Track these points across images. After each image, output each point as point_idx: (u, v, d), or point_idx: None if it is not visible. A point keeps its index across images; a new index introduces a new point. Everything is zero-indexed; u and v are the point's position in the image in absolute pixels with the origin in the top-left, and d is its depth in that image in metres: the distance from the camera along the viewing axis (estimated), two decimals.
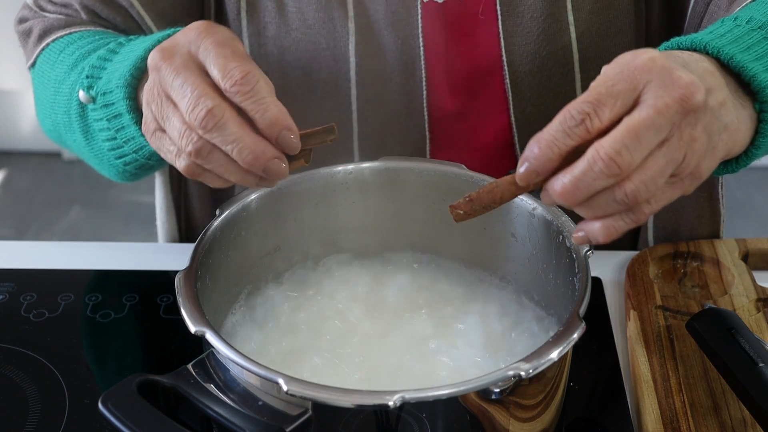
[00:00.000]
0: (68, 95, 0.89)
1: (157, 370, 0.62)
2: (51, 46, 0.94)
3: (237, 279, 0.78)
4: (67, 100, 0.89)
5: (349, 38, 0.93)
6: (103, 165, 0.92)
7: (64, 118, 0.92)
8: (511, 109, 0.95)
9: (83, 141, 0.90)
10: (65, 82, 0.90)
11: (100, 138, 0.87)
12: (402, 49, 0.93)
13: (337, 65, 0.94)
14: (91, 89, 0.84)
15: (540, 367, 0.61)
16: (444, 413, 0.62)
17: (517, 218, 0.77)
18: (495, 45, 0.94)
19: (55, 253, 1.02)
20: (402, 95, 0.95)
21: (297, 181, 0.80)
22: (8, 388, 0.82)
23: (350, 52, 0.93)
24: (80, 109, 0.88)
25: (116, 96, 0.81)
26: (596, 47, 0.95)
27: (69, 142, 0.96)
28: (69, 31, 0.92)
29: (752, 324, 0.84)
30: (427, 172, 0.81)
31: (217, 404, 0.61)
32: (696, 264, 0.93)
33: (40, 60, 0.95)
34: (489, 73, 0.95)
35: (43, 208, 2.78)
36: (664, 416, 0.75)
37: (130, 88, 0.80)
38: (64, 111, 0.91)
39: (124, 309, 0.91)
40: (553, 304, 0.76)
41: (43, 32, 0.95)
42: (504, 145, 0.97)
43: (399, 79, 0.94)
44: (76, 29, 0.93)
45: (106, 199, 2.80)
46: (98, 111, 0.85)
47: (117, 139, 0.85)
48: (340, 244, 0.84)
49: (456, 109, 0.96)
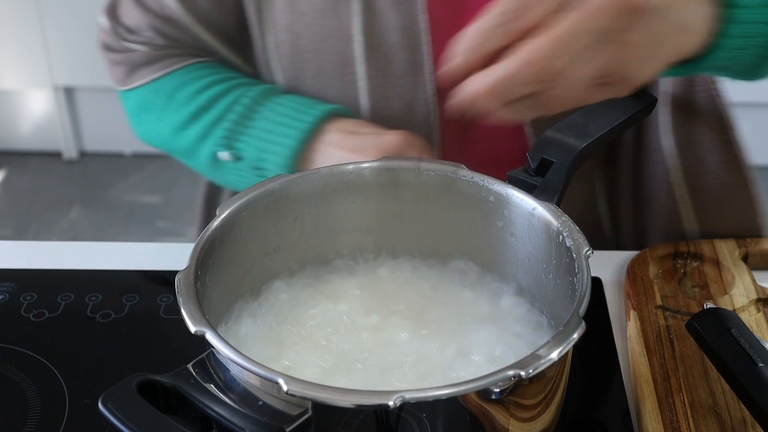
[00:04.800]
0: (194, 142, 0.99)
1: (157, 370, 0.62)
2: (153, 86, 1.02)
3: (237, 279, 0.78)
4: (193, 145, 1.00)
5: (353, 17, 0.95)
6: (206, 173, 1.04)
7: (185, 152, 1.02)
8: None
9: (205, 165, 1.01)
10: (189, 130, 0.99)
11: (232, 173, 0.98)
12: (406, 27, 0.95)
13: (345, 44, 0.96)
14: (230, 148, 0.96)
15: (540, 367, 0.61)
16: (444, 413, 0.62)
17: (517, 218, 0.77)
18: None
19: (55, 253, 1.02)
20: (407, 70, 0.96)
21: (297, 181, 0.80)
22: (8, 388, 0.82)
23: (355, 31, 0.95)
24: (213, 157, 0.99)
25: (273, 173, 0.92)
26: None
27: (179, 157, 1.06)
28: (163, 71, 1.01)
29: (752, 324, 0.84)
30: (427, 172, 0.81)
31: (217, 404, 0.61)
32: (696, 264, 0.93)
33: (136, 95, 1.03)
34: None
35: (43, 208, 2.78)
36: (664, 416, 0.75)
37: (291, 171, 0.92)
38: (186, 149, 1.02)
39: (124, 309, 0.91)
40: (553, 304, 0.76)
41: (132, 68, 1.03)
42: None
43: (404, 55, 0.96)
44: (167, 69, 1.01)
45: (106, 199, 2.80)
46: (244, 168, 0.97)
47: (254, 179, 0.96)
48: (340, 244, 0.84)
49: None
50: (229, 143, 0.97)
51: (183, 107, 1.00)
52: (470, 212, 0.80)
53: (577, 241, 0.71)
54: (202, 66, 1.03)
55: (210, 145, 0.99)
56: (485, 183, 0.78)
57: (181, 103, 1.00)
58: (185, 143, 1.01)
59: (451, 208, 0.81)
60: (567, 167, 0.77)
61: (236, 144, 0.97)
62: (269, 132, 0.95)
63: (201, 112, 0.99)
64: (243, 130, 0.97)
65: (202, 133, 0.99)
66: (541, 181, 0.77)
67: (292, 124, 0.95)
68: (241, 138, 0.97)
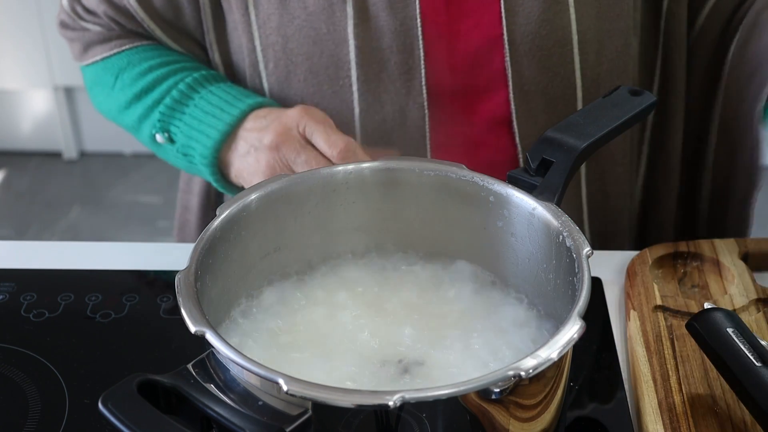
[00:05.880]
0: (136, 121, 1.04)
1: (157, 370, 0.62)
2: (104, 64, 1.05)
3: (237, 279, 0.78)
4: (135, 123, 1.04)
5: (348, 21, 0.94)
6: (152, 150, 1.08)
7: (130, 129, 1.07)
8: (510, 86, 0.97)
9: (148, 144, 1.05)
10: (131, 110, 1.04)
11: (169, 155, 1.02)
12: (400, 30, 0.95)
13: (338, 48, 0.96)
14: (165, 132, 1.00)
15: (540, 367, 0.61)
16: (444, 413, 0.62)
17: (517, 218, 0.77)
18: (497, 24, 0.95)
19: (55, 253, 1.02)
20: (401, 74, 0.96)
21: (297, 181, 0.80)
22: (8, 388, 0.82)
23: (349, 35, 0.95)
24: (153, 137, 1.03)
25: (199, 163, 0.98)
26: (595, 30, 0.96)
27: (126, 129, 1.10)
28: (113, 51, 1.05)
29: (752, 324, 0.84)
30: (427, 172, 0.81)
31: (217, 404, 0.61)
32: (696, 264, 0.93)
33: (91, 70, 1.08)
34: (489, 51, 0.96)
35: (43, 208, 2.78)
36: (664, 416, 0.75)
37: (214, 165, 0.97)
38: (130, 127, 1.06)
39: (124, 309, 0.91)
40: (553, 304, 0.76)
41: (86, 45, 1.07)
42: (502, 120, 0.99)
43: (398, 60, 0.96)
44: (117, 49, 1.04)
45: (106, 199, 2.80)
46: (175, 152, 1.01)
47: (185, 164, 1.01)
48: (340, 244, 0.84)
49: (455, 87, 0.98)
50: (164, 126, 1.01)
51: (128, 87, 1.03)
52: (470, 212, 0.80)
53: (577, 241, 0.71)
54: (150, 48, 1.05)
55: (149, 126, 1.02)
56: (485, 183, 0.78)
57: (126, 83, 1.03)
58: (129, 121, 1.05)
59: (451, 208, 0.81)
60: (567, 167, 0.77)
61: (170, 128, 1.01)
62: (198, 121, 0.98)
63: (143, 94, 1.02)
64: (176, 116, 1.00)
65: (143, 114, 1.02)
66: (541, 181, 0.77)
67: (218, 116, 0.97)
68: (174, 123, 1.00)
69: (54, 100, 2.94)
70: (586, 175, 1.02)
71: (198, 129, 0.98)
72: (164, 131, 1.01)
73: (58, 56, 2.75)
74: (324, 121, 0.91)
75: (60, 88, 2.91)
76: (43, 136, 3.02)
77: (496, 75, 0.97)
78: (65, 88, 2.92)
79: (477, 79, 0.98)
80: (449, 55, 0.97)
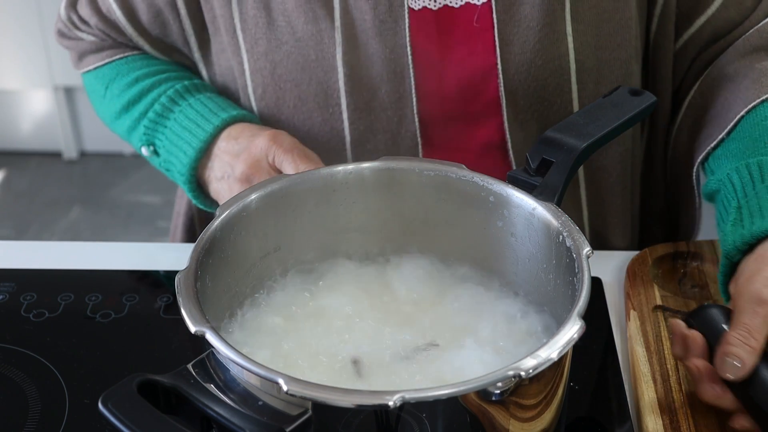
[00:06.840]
0: (126, 132, 1.06)
1: (157, 370, 0.62)
2: (96, 73, 1.08)
3: (237, 279, 0.78)
4: (126, 134, 1.06)
5: (336, 49, 0.93)
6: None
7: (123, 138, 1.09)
8: (505, 114, 0.95)
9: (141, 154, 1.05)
10: (121, 120, 1.05)
11: (156, 163, 1.03)
12: (390, 58, 0.93)
13: (327, 76, 0.94)
14: (150, 145, 1.02)
15: (540, 367, 0.61)
16: (444, 413, 0.62)
17: (517, 218, 0.77)
18: (491, 53, 0.93)
19: (55, 253, 1.02)
20: (392, 103, 0.95)
21: (297, 181, 0.80)
22: (8, 388, 0.82)
23: (338, 63, 0.93)
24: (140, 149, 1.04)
25: (178, 180, 1.00)
26: (594, 59, 0.94)
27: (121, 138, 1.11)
28: (104, 61, 1.06)
29: None
30: (427, 172, 0.81)
31: (217, 404, 0.61)
32: (696, 264, 0.93)
33: (86, 78, 1.10)
34: (483, 80, 0.94)
35: (43, 208, 2.78)
36: (664, 416, 0.75)
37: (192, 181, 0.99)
38: (123, 136, 1.08)
39: (124, 309, 0.92)
40: (553, 304, 0.76)
41: (81, 54, 1.09)
42: (497, 146, 0.97)
43: (388, 88, 0.94)
44: (108, 59, 1.06)
45: (106, 199, 2.80)
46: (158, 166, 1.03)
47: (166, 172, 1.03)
48: (340, 244, 0.84)
49: (448, 114, 0.96)
50: (149, 140, 1.02)
51: (116, 98, 1.04)
52: (470, 212, 0.80)
53: (577, 241, 0.71)
54: (138, 58, 1.05)
55: (137, 139, 1.03)
56: (485, 183, 0.78)
57: (115, 93, 1.04)
58: (121, 130, 1.06)
59: (451, 208, 0.81)
60: (567, 167, 0.77)
61: (155, 141, 1.01)
62: (176, 136, 0.99)
63: (130, 105, 1.03)
64: (160, 129, 1.01)
65: (131, 126, 1.04)
66: (541, 181, 0.77)
67: (194, 131, 0.97)
68: (158, 137, 1.01)
69: (54, 100, 2.94)
70: (585, 175, 1.02)
71: (177, 144, 0.99)
72: (149, 144, 1.02)
73: (58, 56, 2.75)
74: (292, 149, 0.90)
75: (60, 88, 2.91)
76: (43, 136, 3.02)
77: (491, 103, 0.95)
78: (65, 88, 2.92)
79: (470, 107, 0.96)
80: (441, 83, 0.95)
